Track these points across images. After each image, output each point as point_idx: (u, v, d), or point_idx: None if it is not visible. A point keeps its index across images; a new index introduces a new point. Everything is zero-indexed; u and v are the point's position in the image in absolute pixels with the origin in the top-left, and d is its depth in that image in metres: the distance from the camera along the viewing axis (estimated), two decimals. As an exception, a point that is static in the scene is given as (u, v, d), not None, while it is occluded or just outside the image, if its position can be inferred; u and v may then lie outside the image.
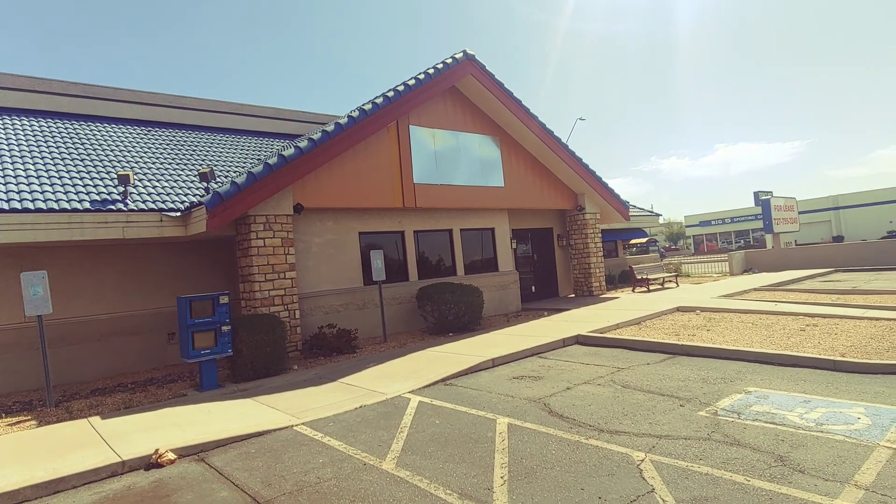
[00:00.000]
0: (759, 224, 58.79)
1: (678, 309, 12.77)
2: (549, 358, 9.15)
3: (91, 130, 13.23)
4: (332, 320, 11.47)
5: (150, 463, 5.43)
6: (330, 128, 11.21)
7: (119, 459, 5.40)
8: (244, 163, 14.03)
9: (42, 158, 10.92)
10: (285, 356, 9.40)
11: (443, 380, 8.08)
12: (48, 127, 12.65)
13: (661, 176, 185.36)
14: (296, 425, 6.43)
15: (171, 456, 5.52)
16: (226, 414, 7.05)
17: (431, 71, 13.09)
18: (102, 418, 7.17)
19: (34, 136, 11.97)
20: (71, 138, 12.43)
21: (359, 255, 12.40)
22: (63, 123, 13.13)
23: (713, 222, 66.12)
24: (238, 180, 9.77)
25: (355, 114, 11.58)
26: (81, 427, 6.80)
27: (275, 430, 6.30)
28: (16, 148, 11.05)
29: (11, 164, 10.28)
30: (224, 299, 8.64)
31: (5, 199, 8.89)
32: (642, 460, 4.62)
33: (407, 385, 7.84)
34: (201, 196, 10.60)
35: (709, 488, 4.01)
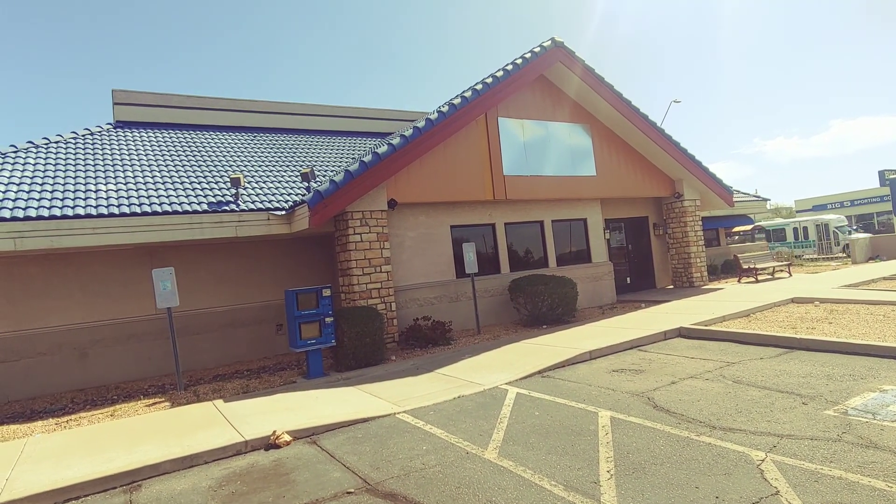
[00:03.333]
0: (886, 206, 52.99)
1: (793, 300, 11.80)
2: (649, 351, 8.81)
3: (205, 139, 14.42)
4: (426, 312, 11.72)
5: (269, 443, 5.86)
6: (420, 124, 11.43)
7: (242, 439, 5.86)
8: (341, 162, 14.65)
9: (166, 166, 12.05)
10: (383, 347, 9.74)
11: (539, 372, 8.02)
12: (168, 137, 13.94)
13: (764, 158, 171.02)
14: (398, 413, 6.65)
15: (287, 438, 5.91)
16: (332, 400, 7.43)
17: (519, 61, 12.95)
18: (225, 401, 7.81)
19: (159, 146, 13.23)
20: (189, 146, 13.62)
21: (451, 249, 12.57)
22: (181, 133, 14.41)
23: (829, 206, 60.20)
24: (336, 178, 10.22)
25: (445, 108, 11.72)
26: (207, 409, 7.46)
27: (378, 417, 6.56)
28: (144, 158, 12.27)
29: (141, 171, 11.42)
30: (326, 292, 9.10)
31: (137, 202, 9.90)
32: (762, 460, 4.33)
33: (503, 376, 7.86)
34: (303, 195, 11.21)
35: (843, 494, 3.68)
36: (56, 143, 12.19)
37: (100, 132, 13.34)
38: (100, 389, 9.90)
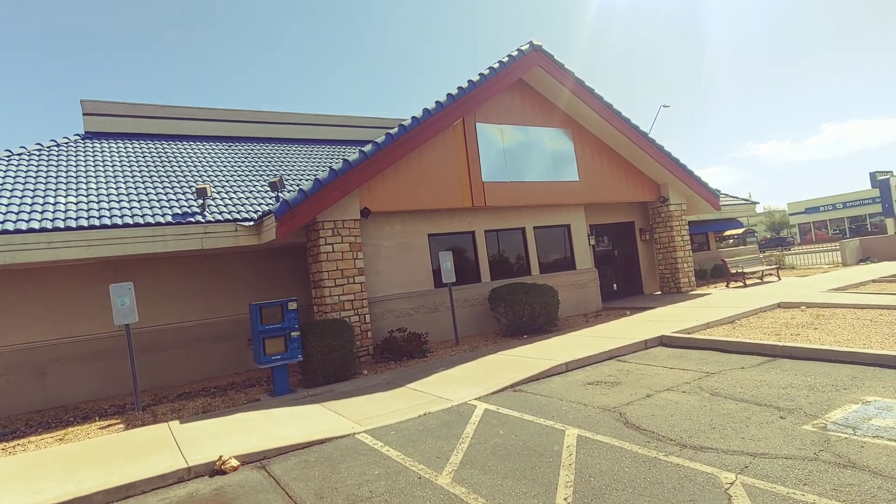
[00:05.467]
0: (877, 208, 52.91)
1: (779, 305, 11.50)
2: (628, 361, 8.47)
3: (176, 149, 14.07)
4: (403, 324, 11.37)
5: (214, 470, 5.48)
6: (394, 130, 11.13)
7: (185, 466, 5.48)
8: (316, 171, 14.32)
9: (132, 177, 11.69)
10: (354, 361, 9.37)
11: (511, 386, 7.66)
12: (138, 148, 13.57)
13: (758, 162, 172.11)
14: (358, 433, 6.29)
15: (234, 463, 5.54)
16: (293, 420, 7.06)
17: (496, 65, 12.69)
18: (181, 422, 7.43)
19: (127, 157, 12.87)
20: (159, 157, 13.26)
21: (429, 258, 12.23)
22: (151, 144, 14.04)
23: (822, 208, 60.27)
24: (304, 187, 9.90)
25: (419, 114, 11.43)
26: (161, 431, 7.07)
27: (336, 438, 6.19)
28: (110, 169, 11.91)
29: (105, 183, 11.07)
30: (292, 305, 8.74)
31: (97, 215, 9.54)
32: (732, 483, 3.99)
33: (474, 391, 7.51)
34: (272, 205, 10.87)
35: (814, 523, 3.34)
36: (19, 155, 11.82)
37: (66, 143, 12.98)
38: (58, 410, 9.48)
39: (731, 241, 29.77)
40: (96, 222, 9.28)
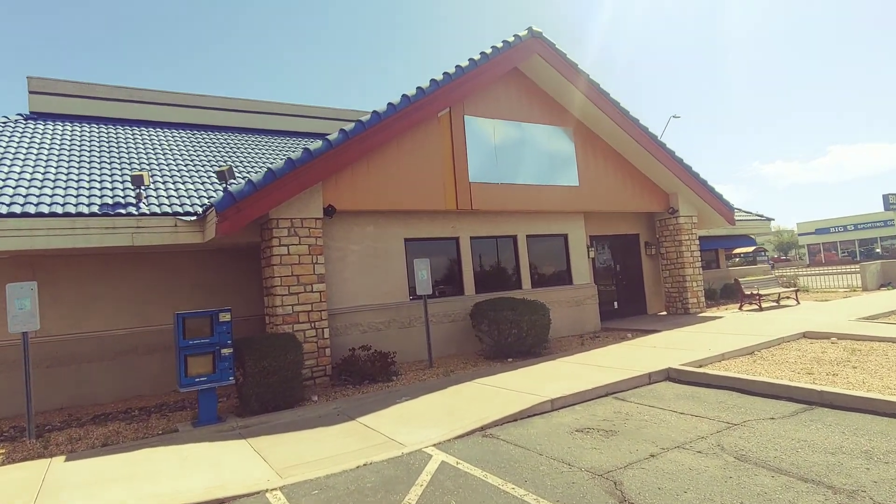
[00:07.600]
0: (889, 231, 51.33)
1: (804, 335, 9.98)
2: (628, 400, 6.96)
3: (131, 134, 12.65)
4: (372, 340, 9.90)
5: (51, 547, 3.99)
6: (366, 118, 9.71)
7: (12, 539, 4.01)
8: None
9: (69, 162, 10.27)
10: (300, 385, 7.87)
11: (482, 428, 6.16)
12: (82, 131, 12.16)
13: (764, 182, 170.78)
14: (271, 489, 4.81)
15: (83, 537, 4.05)
16: (201, 463, 5.59)
17: (489, 51, 11.28)
18: (66, 459, 5.97)
19: (70, 140, 11.47)
20: (108, 142, 11.85)
21: (404, 266, 10.76)
22: (103, 128, 12.64)
23: (832, 230, 58.57)
24: (254, 178, 8.46)
25: (396, 101, 10.01)
26: (34, 471, 5.61)
27: (242, 497, 4.72)
28: (44, 152, 10.50)
29: (33, 168, 9.65)
30: (224, 317, 7.27)
31: (8, 202, 8.10)
32: None
33: (435, 433, 6.02)
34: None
35: None
36: (-56, 133, 10.44)
37: (5, 123, 11.59)
38: (-53, 432, 8.00)
39: (739, 259, 28.21)
40: (4, 210, 7.85)
